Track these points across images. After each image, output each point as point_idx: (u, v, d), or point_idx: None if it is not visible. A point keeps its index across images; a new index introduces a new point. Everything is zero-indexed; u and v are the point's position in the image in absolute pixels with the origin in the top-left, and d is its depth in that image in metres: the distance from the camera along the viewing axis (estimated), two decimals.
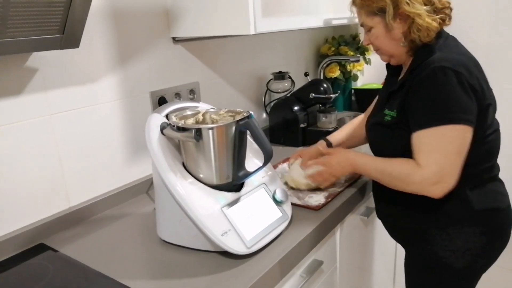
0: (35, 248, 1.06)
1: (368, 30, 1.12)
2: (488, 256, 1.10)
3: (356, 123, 1.43)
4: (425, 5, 1.03)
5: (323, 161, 1.21)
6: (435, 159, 0.98)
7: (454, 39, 1.10)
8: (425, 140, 0.99)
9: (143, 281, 0.90)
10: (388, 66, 1.23)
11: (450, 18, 1.08)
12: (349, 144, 1.43)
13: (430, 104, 0.98)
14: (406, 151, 1.03)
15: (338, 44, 2.20)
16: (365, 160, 1.13)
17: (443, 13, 1.05)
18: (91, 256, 1.01)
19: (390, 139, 1.10)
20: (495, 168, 1.11)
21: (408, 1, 1.01)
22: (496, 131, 1.08)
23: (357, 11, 1.13)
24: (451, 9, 1.07)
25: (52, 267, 0.97)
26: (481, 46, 2.01)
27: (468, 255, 1.06)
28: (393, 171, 1.06)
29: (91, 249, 1.05)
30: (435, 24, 1.02)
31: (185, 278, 0.90)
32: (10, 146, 1.03)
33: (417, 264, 1.17)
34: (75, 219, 1.17)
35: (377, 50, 1.15)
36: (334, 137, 1.43)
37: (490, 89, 1.06)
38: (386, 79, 1.27)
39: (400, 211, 1.15)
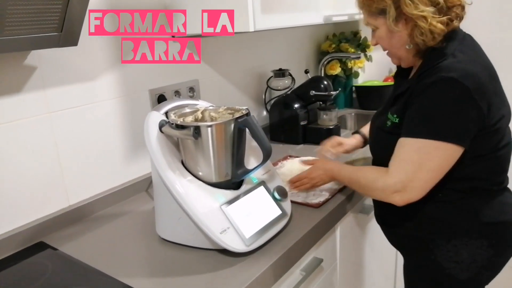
0: (34, 246, 1.06)
1: (374, 30, 1.06)
2: (493, 268, 1.06)
3: None
4: (431, 5, 0.94)
5: (305, 174, 1.21)
6: (405, 168, 0.95)
7: (471, 40, 1.01)
8: (406, 148, 0.96)
9: (142, 279, 0.90)
10: (399, 65, 1.16)
11: (461, 18, 0.98)
12: None
13: (424, 114, 0.94)
14: None
15: (339, 41, 2.19)
16: (341, 171, 1.14)
17: (453, 12, 0.96)
18: (91, 254, 1.01)
19: (390, 146, 1.02)
20: (506, 180, 1.06)
21: (410, 2, 0.93)
22: (509, 144, 1.02)
23: (361, 10, 1.07)
24: (462, 7, 0.98)
25: (51, 265, 0.97)
26: (484, 44, 1.99)
27: (473, 267, 1.02)
28: (361, 178, 1.06)
29: (90, 247, 1.05)
30: (440, 26, 0.94)
31: (184, 276, 0.89)
32: (9, 145, 1.03)
33: (418, 274, 1.13)
34: (75, 217, 1.17)
35: (386, 51, 1.10)
36: (365, 129, 1.41)
37: (504, 100, 1.00)
38: (394, 79, 1.21)
39: (404, 219, 1.09)
